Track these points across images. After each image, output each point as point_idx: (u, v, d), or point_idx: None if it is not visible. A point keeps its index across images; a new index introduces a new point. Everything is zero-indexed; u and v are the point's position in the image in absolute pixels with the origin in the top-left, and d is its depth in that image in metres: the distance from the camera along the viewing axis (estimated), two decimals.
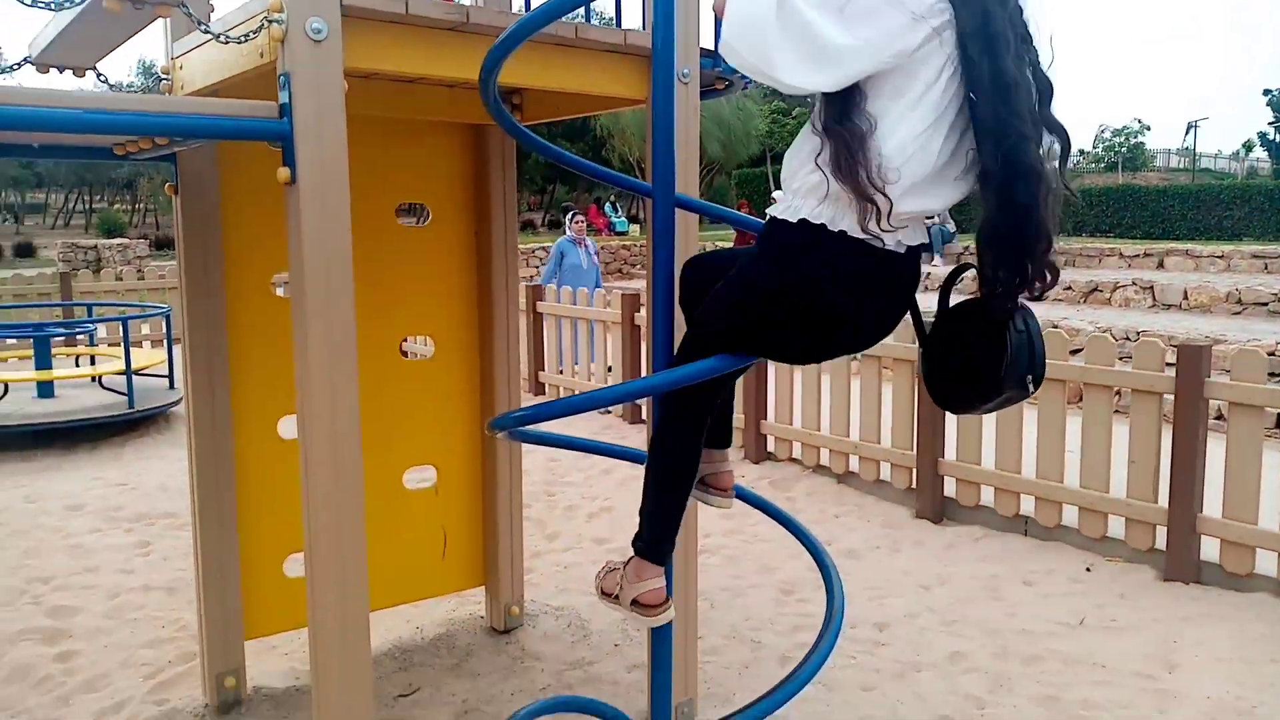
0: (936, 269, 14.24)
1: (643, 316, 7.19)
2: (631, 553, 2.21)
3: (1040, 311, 10.42)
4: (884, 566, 4.82)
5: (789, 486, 6.10)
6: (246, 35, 2.39)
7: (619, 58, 2.93)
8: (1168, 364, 4.55)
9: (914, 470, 5.54)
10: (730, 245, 9.20)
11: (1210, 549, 4.46)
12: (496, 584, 4.12)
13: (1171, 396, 4.49)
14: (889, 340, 5.56)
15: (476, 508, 4.11)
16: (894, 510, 5.63)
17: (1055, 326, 8.17)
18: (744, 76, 3.33)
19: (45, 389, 8.22)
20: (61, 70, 3.11)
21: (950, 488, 5.47)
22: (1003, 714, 3.37)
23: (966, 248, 12.82)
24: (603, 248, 19.17)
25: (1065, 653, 3.82)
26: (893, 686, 3.58)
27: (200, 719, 3.42)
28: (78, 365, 9.42)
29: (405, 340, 4.06)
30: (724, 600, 4.39)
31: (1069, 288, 11.84)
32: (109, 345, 10.22)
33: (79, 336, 9.38)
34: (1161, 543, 4.56)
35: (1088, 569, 4.68)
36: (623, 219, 30.31)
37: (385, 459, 3.80)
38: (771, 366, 6.60)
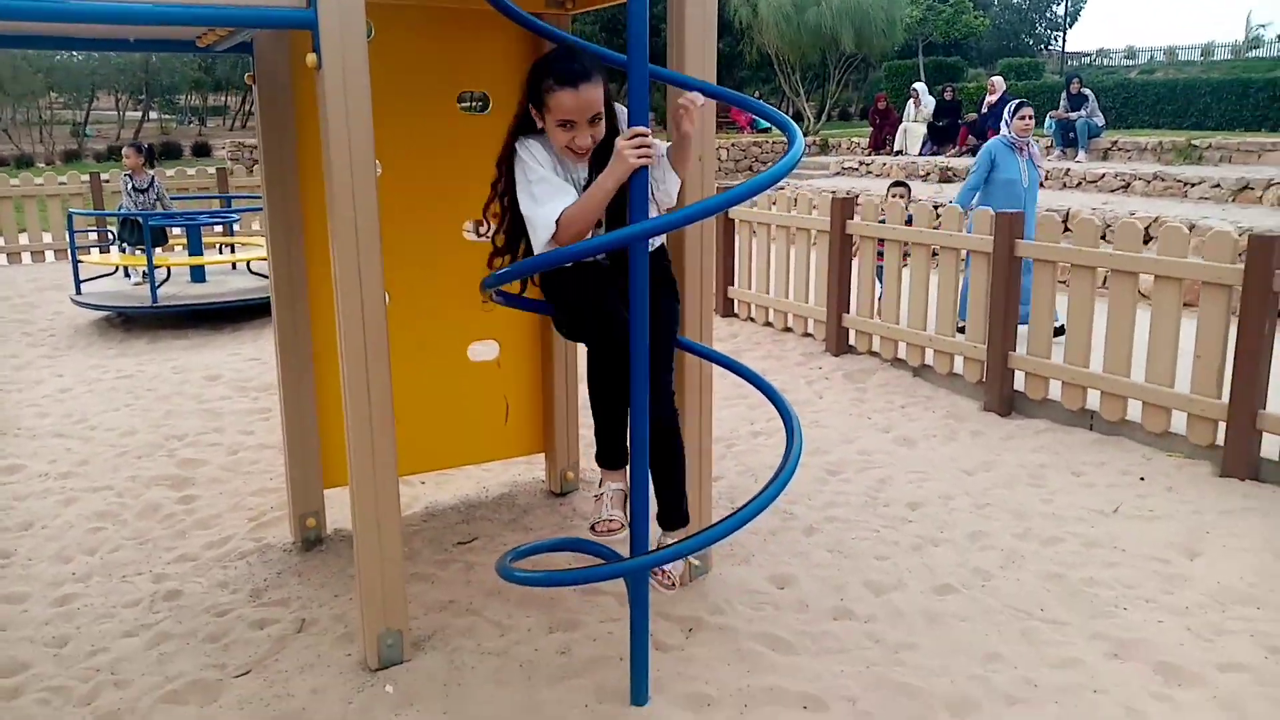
0: (1082, 164, 13.56)
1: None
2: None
3: (1181, 211, 9.86)
4: (934, 453, 4.93)
5: (864, 379, 6.20)
6: None
7: None
8: (1241, 256, 4.39)
9: (984, 364, 5.55)
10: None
11: (1271, 447, 4.36)
12: (553, 451, 4.49)
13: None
14: (966, 233, 5.56)
15: (536, 380, 4.46)
16: (962, 403, 5.68)
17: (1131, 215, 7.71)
18: None
19: (197, 273, 9.09)
20: None
21: (1020, 382, 5.46)
22: (1003, 586, 3.52)
23: (1115, 142, 12.32)
24: (733, 144, 19.02)
25: (1088, 536, 3.89)
26: (905, 557, 3.77)
27: (288, 553, 3.96)
28: (220, 252, 10.30)
29: (467, 223, 4.37)
30: (768, 476, 4.60)
31: (1217, 185, 11.05)
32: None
33: (222, 227, 10.20)
34: (1223, 439, 4.48)
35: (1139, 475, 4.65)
36: None
37: (451, 332, 4.18)
38: (855, 265, 6.64)
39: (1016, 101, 7.03)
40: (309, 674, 3.02)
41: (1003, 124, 6.98)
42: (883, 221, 6.33)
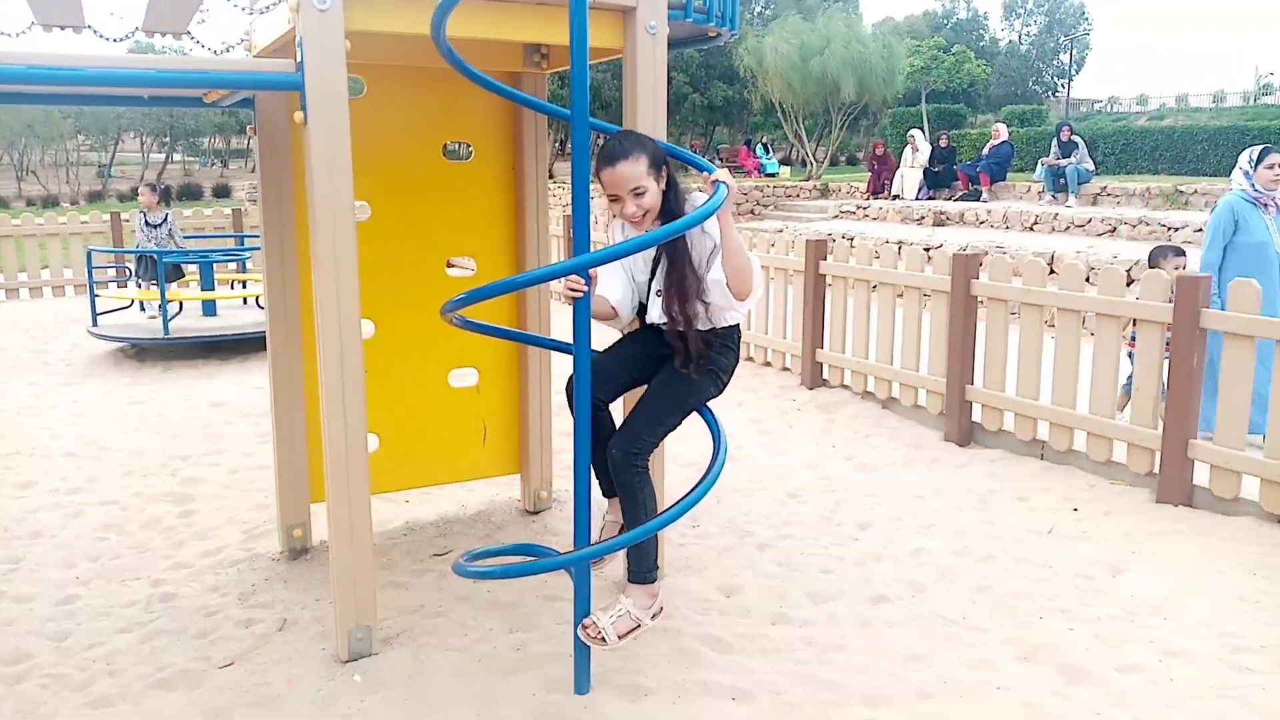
0: (1071, 209, 13.91)
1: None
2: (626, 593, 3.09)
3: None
4: (891, 480, 5.21)
5: (835, 410, 6.50)
6: (269, 6, 3.05)
7: (598, 13, 3.44)
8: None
9: (944, 396, 5.84)
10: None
11: (1204, 475, 4.63)
12: (528, 471, 4.80)
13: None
14: (929, 271, 5.88)
15: (513, 405, 4.78)
16: (925, 433, 5.96)
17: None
18: (725, 25, 3.80)
19: (209, 308, 9.50)
20: (163, 34, 3.89)
21: (978, 413, 5.75)
22: (935, 597, 3.79)
23: (1104, 188, 12.64)
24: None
25: (1020, 554, 4.16)
26: (849, 571, 4.05)
27: (276, 561, 4.27)
28: (231, 288, 10.72)
29: (451, 261, 4.72)
30: (731, 499, 4.91)
31: (1199, 230, 11.34)
32: None
33: (235, 264, 10.64)
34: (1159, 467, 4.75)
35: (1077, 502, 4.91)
36: (773, 161, 30.23)
37: (433, 361, 4.51)
38: (829, 303, 6.95)
39: (1261, 148, 5.51)
40: (286, 665, 3.31)
41: (1239, 174, 5.51)
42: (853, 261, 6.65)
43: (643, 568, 3.09)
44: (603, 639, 2.95)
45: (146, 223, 9.71)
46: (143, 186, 10.01)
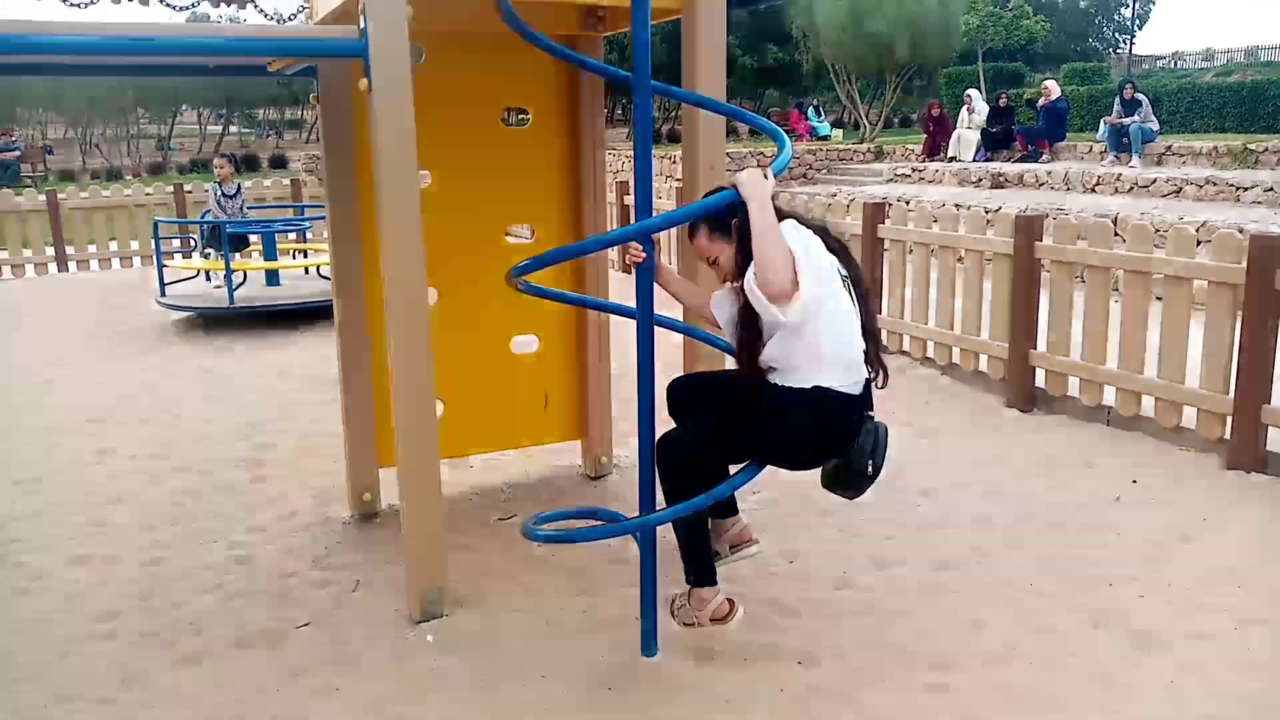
0: (1135, 169, 13.54)
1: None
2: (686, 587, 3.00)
3: (1232, 216, 9.86)
4: (953, 445, 5.18)
5: (894, 376, 6.39)
6: None
7: None
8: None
9: (1006, 361, 5.77)
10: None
11: (1277, 440, 4.52)
12: (589, 437, 4.85)
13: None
14: (991, 234, 5.78)
15: (574, 372, 4.82)
16: (986, 399, 5.90)
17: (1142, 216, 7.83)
18: None
19: (272, 277, 9.68)
20: (229, 4, 3.95)
21: (1041, 379, 5.67)
22: (1000, 564, 3.77)
23: (1169, 147, 12.33)
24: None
25: (1087, 522, 4.12)
26: (911, 537, 4.04)
27: (347, 525, 4.39)
28: (293, 257, 10.90)
29: (508, 230, 4.75)
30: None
31: (1270, 189, 10.96)
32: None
33: (296, 234, 10.83)
34: (1230, 433, 4.65)
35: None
36: (825, 123, 29.76)
37: (495, 327, 4.56)
38: (886, 268, 6.87)
39: None
40: (361, 626, 3.42)
41: None
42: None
43: (687, 568, 3.01)
44: (693, 623, 3.02)
45: (223, 194, 9.90)
46: (218, 158, 10.21)
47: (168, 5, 4.61)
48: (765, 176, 2.65)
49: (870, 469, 2.83)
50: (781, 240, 2.59)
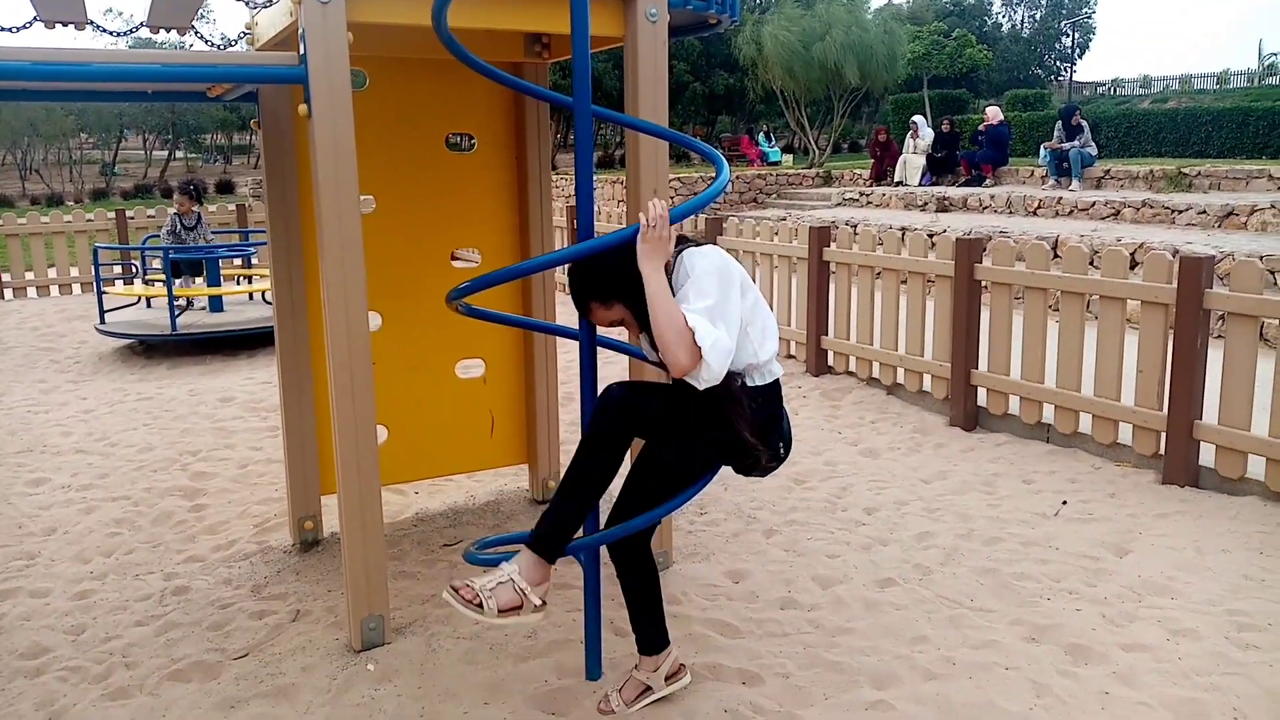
0: (1074, 193, 13.87)
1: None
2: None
3: (1167, 237, 10.14)
4: (896, 464, 5.23)
5: (839, 396, 6.52)
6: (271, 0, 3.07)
7: (599, 1, 3.45)
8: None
9: (949, 381, 5.86)
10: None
11: (1210, 455, 4.64)
12: (536, 461, 4.83)
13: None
14: (933, 257, 5.89)
15: (519, 395, 4.81)
16: (930, 419, 5.98)
17: (1083, 238, 8.06)
18: (726, 11, 3.81)
19: (215, 303, 9.53)
20: (168, 30, 3.91)
21: (983, 398, 5.76)
22: (941, 580, 3.81)
23: (1108, 171, 12.62)
24: (737, 177, 19.45)
25: (1026, 536, 4.18)
26: (854, 555, 4.07)
27: (287, 554, 4.31)
28: (237, 283, 10.76)
29: (455, 253, 4.74)
30: (737, 485, 4.94)
31: (1203, 212, 11.32)
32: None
33: (241, 259, 10.69)
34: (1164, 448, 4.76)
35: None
36: (775, 149, 30.13)
37: (440, 352, 4.54)
38: (833, 290, 6.96)
39: None
40: (300, 656, 3.35)
41: None
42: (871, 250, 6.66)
43: (641, 639, 3.00)
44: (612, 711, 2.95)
45: (183, 225, 9.74)
46: (178, 194, 10.09)
47: (105, 32, 4.53)
48: (661, 228, 2.54)
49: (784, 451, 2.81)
50: (675, 312, 2.44)
